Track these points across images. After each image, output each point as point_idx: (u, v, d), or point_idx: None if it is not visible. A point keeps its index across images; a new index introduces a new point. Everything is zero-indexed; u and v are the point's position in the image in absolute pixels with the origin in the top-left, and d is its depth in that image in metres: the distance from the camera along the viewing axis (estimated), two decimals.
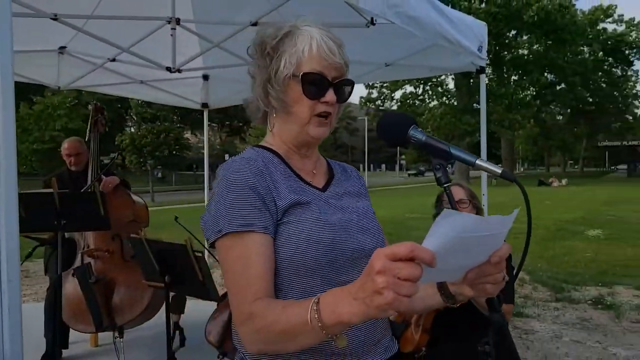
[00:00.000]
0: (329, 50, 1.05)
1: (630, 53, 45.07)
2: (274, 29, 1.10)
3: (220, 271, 3.19)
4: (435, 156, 0.99)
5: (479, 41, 3.23)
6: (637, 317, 4.82)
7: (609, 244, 9.23)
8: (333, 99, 1.07)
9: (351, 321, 0.79)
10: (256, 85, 1.12)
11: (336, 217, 1.07)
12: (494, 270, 0.89)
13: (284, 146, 1.14)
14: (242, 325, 0.96)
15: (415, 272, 0.70)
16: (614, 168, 77.98)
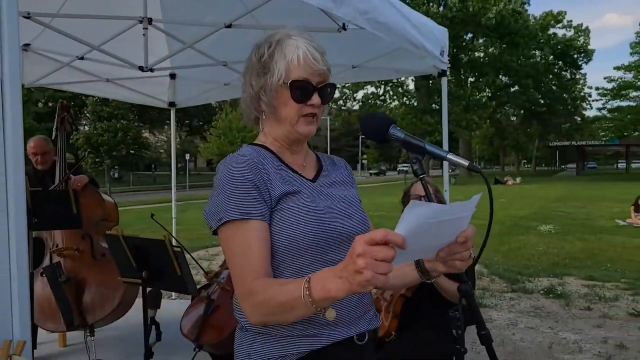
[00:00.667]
0: (313, 58, 1.18)
1: (578, 57, 47.41)
2: (268, 37, 1.23)
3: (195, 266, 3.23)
4: (413, 151, 1.13)
5: (441, 46, 3.42)
6: (585, 305, 5.15)
7: (559, 238, 9.75)
8: (318, 101, 1.20)
9: (337, 296, 0.93)
10: (248, 95, 1.24)
11: (324, 204, 1.20)
12: (461, 249, 1.05)
13: (276, 143, 1.26)
14: (245, 300, 1.09)
15: (389, 253, 0.84)
16: (563, 167, 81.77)
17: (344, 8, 2.20)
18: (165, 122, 49.18)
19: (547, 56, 44.21)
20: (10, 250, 1.05)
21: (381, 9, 2.51)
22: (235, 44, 3.64)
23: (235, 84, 4.63)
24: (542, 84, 43.76)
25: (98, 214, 3.34)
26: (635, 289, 5.72)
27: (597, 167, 78.85)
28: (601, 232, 10.44)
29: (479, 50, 38.91)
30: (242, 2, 3.00)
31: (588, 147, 52.45)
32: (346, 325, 1.17)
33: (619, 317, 4.76)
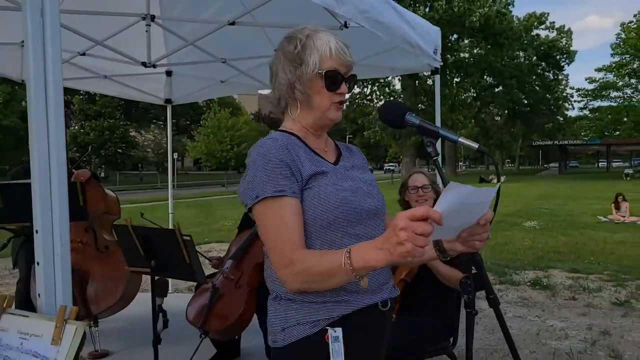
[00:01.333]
0: (342, 51, 1.30)
1: (561, 58, 48.22)
2: (298, 32, 1.33)
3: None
4: (427, 135, 1.26)
5: (435, 44, 3.55)
6: (570, 295, 5.34)
7: (543, 233, 10.01)
8: (345, 90, 1.33)
9: (376, 265, 1.04)
10: (282, 83, 1.33)
11: (348, 184, 1.31)
12: (481, 230, 1.17)
13: (303, 129, 1.37)
14: (284, 269, 1.18)
15: (428, 228, 0.94)
16: (546, 166, 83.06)
17: (345, 7, 2.31)
18: (151, 121, 48.82)
19: (530, 57, 44.87)
20: (54, 232, 1.14)
21: (379, 8, 2.62)
22: (234, 41, 3.73)
23: (232, 80, 4.71)
24: (525, 84, 44.38)
25: (101, 207, 3.39)
26: (617, 280, 5.94)
27: (579, 166, 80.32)
28: (584, 227, 10.73)
29: (464, 51, 39.36)
30: (241, 1, 3.09)
31: (570, 146, 53.35)
32: (371, 293, 1.29)
33: (603, 306, 4.94)
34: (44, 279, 1.14)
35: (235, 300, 2.85)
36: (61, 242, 1.15)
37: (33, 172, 1.17)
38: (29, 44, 1.16)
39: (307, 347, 1.23)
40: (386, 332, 1.38)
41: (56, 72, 1.18)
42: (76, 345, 0.97)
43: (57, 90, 1.19)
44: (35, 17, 1.17)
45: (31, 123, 1.15)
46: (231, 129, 34.51)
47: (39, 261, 1.15)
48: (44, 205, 1.15)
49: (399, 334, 2.39)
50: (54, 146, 1.17)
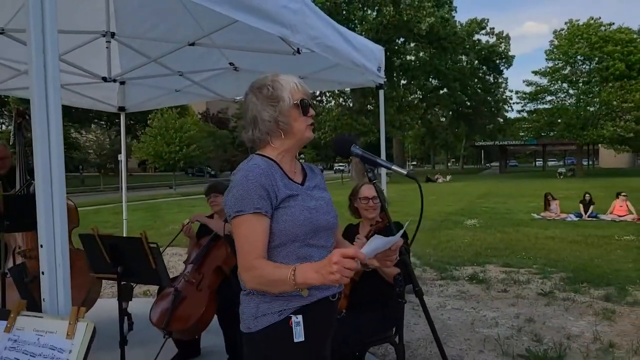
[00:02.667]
0: (303, 84, 1.67)
1: (500, 62, 50.63)
2: (262, 80, 1.66)
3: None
4: (368, 163, 1.62)
5: (379, 62, 3.91)
6: (502, 288, 5.87)
7: (482, 231, 10.68)
8: (313, 112, 1.68)
9: (312, 284, 1.40)
10: (265, 122, 1.62)
11: (312, 204, 1.64)
12: (392, 254, 1.59)
13: (280, 155, 1.66)
14: (246, 272, 1.52)
15: (354, 265, 1.31)
16: (488, 165, 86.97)
17: (299, 36, 2.59)
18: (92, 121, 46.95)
19: (472, 61, 46.72)
20: (56, 244, 1.35)
21: (328, 34, 2.92)
22: (190, 55, 3.90)
23: (186, 90, 4.85)
24: (468, 87, 46.14)
25: None
26: (544, 273, 6.55)
27: (518, 165, 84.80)
28: (518, 224, 11.52)
29: (410, 54, 40.59)
30: (199, 25, 3.29)
31: (510, 146, 56.17)
32: (324, 289, 1.62)
33: (530, 297, 5.48)
34: (48, 286, 1.35)
35: (196, 302, 3.05)
36: (62, 254, 1.36)
37: (38, 194, 1.38)
38: (34, 79, 1.38)
39: (275, 331, 1.54)
40: (335, 317, 1.73)
41: (56, 101, 1.39)
42: (87, 339, 1.19)
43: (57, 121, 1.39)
44: (38, 54, 1.37)
45: (36, 151, 1.36)
46: (179, 130, 33.84)
47: (44, 271, 1.36)
48: (47, 222, 1.35)
49: (346, 329, 2.70)
50: (55, 170, 1.38)
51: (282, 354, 1.55)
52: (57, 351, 1.20)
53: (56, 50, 1.39)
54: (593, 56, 38.25)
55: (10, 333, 1.27)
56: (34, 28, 1.36)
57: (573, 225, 11.48)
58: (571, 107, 39.69)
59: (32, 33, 1.36)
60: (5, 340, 1.26)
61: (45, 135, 1.37)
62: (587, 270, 6.64)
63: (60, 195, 1.38)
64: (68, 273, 1.37)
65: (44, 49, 1.37)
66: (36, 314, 1.30)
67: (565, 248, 8.46)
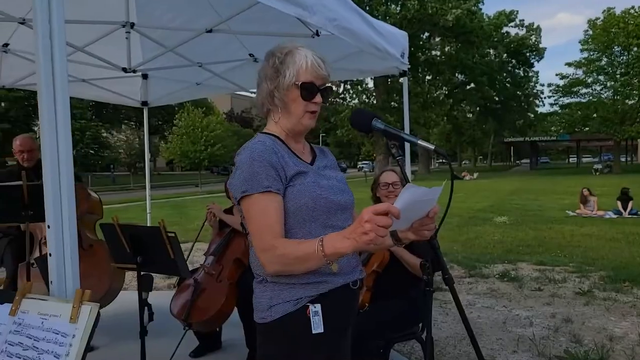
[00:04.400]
0: (318, 65, 1.50)
1: (530, 55, 49.36)
2: (279, 47, 1.53)
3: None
4: (391, 139, 1.47)
5: (402, 48, 3.77)
6: (536, 286, 5.61)
7: (513, 228, 10.36)
8: (320, 100, 1.52)
9: (345, 252, 1.25)
10: (263, 92, 1.53)
11: (324, 182, 1.52)
12: (429, 221, 1.41)
13: (284, 132, 1.55)
14: (265, 253, 1.37)
15: (388, 221, 1.16)
16: (518, 162, 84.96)
17: (316, 17, 2.49)
18: (123, 122, 48.04)
19: (500, 54, 45.72)
20: (64, 226, 1.30)
21: (347, 16, 2.82)
22: (210, 46, 3.86)
23: (207, 83, 4.83)
24: (496, 81, 45.15)
25: (84, 207, 3.48)
26: (581, 272, 6.25)
27: (549, 162, 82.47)
28: (552, 222, 11.11)
29: (435, 49, 39.92)
30: (216, 12, 3.22)
31: (541, 142, 54.61)
32: (344, 275, 1.50)
33: (566, 296, 5.22)
34: (55, 267, 1.30)
35: (216, 294, 3.00)
36: (70, 235, 1.31)
37: (45, 175, 1.32)
38: (41, 65, 1.31)
39: (291, 321, 1.42)
40: (356, 306, 1.61)
41: (63, 84, 1.33)
42: (91, 323, 1.13)
43: (65, 102, 1.34)
44: (45, 41, 1.31)
45: (43, 133, 1.30)
46: (205, 129, 34.24)
47: (51, 252, 1.30)
48: (55, 203, 1.30)
49: (370, 323, 2.59)
50: (63, 152, 1.32)
51: (299, 346, 1.42)
52: (60, 335, 1.14)
53: (63, 32, 1.33)
54: (631, 46, 36.65)
55: (16, 316, 1.22)
56: (40, 11, 1.30)
57: (611, 222, 11.01)
58: (608, 101, 38.19)
59: (38, 15, 1.30)
60: (11, 324, 1.22)
61: (52, 114, 1.31)
62: (629, 269, 6.29)
63: (68, 174, 1.32)
64: (76, 255, 1.31)
65: (51, 33, 1.32)
66: (41, 296, 1.25)
67: (604, 246, 8.09)
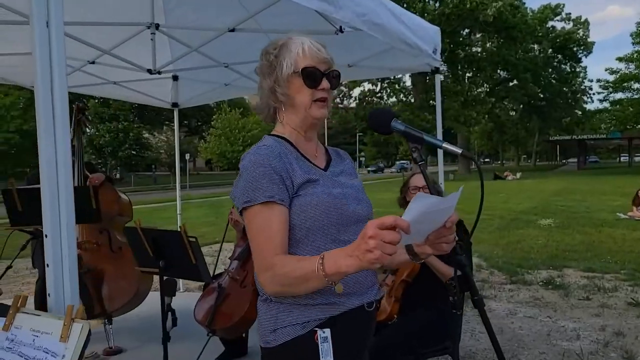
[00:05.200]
0: (317, 49, 1.36)
1: (578, 50, 47.32)
2: (272, 43, 1.40)
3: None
4: (412, 141, 1.29)
5: (434, 44, 3.57)
6: (584, 295, 5.24)
7: (559, 231, 9.81)
8: (327, 85, 1.36)
9: (347, 271, 1.09)
10: (265, 90, 1.40)
11: (337, 191, 1.36)
12: (447, 232, 1.22)
13: (293, 132, 1.41)
14: (264, 272, 1.24)
15: (396, 237, 0.99)
16: (564, 161, 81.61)
17: (342, 12, 2.36)
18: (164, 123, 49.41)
19: (545, 50, 44.12)
20: (62, 235, 1.23)
21: (376, 11, 2.67)
22: (236, 45, 3.80)
23: (235, 84, 4.80)
24: (541, 77, 43.62)
25: (115, 209, 3.51)
26: (634, 280, 5.80)
27: (599, 161, 78.64)
28: (601, 225, 10.46)
29: (476, 46, 38.87)
30: (244, 6, 3.15)
31: (589, 141, 52.23)
32: (358, 296, 1.34)
33: (618, 306, 4.84)
34: (53, 280, 1.23)
35: (240, 300, 2.93)
36: (68, 245, 1.24)
37: (42, 181, 1.25)
38: (37, 52, 1.24)
39: (297, 347, 1.28)
40: (371, 331, 1.43)
41: (62, 81, 1.26)
42: (82, 343, 1.05)
43: (63, 103, 1.27)
44: (42, 29, 1.25)
45: (40, 137, 1.24)
46: (242, 129, 34.77)
47: (49, 263, 1.24)
48: (52, 211, 1.23)
49: (395, 333, 2.43)
50: (61, 156, 1.25)
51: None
52: (50, 355, 1.07)
53: (61, 32, 1.26)
54: None
55: (9, 332, 1.16)
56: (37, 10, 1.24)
57: None
58: None
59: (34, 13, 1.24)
60: (4, 340, 1.16)
61: (50, 114, 1.25)
62: None
63: (67, 181, 1.25)
64: (75, 266, 1.24)
65: (48, 24, 1.25)
66: (35, 312, 1.18)
67: None
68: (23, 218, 2.95)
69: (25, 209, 2.87)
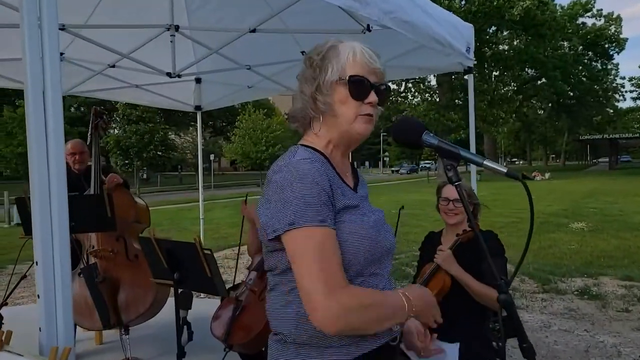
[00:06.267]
0: (370, 57, 1.18)
1: (609, 47, 45.85)
2: (318, 46, 1.23)
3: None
4: (447, 157, 1.11)
5: (467, 42, 3.37)
6: (623, 307, 4.95)
7: (592, 235, 9.42)
8: (375, 99, 1.18)
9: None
10: (304, 96, 1.22)
11: (373, 218, 1.19)
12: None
13: (329, 145, 1.22)
14: (328, 310, 1.02)
15: None
16: (595, 161, 79.29)
17: (369, 8, 2.20)
18: (189, 124, 50.07)
19: (576, 47, 42.88)
20: (55, 263, 1.10)
21: (405, 8, 2.49)
22: (258, 47, 3.69)
23: (258, 86, 4.70)
24: (571, 75, 42.40)
25: (131, 216, 3.42)
26: None
27: (631, 160, 76.08)
28: (637, 229, 9.99)
29: (503, 44, 38.00)
30: (268, 4, 3.02)
31: (621, 140, 50.63)
32: (384, 334, 1.18)
33: None
34: (44, 312, 1.10)
35: (258, 313, 2.79)
36: (62, 275, 1.10)
37: (33, 203, 1.13)
38: (27, 54, 1.14)
39: None
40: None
41: (55, 85, 1.14)
42: None
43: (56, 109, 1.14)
44: (33, 29, 1.14)
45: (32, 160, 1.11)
46: (266, 130, 34.94)
47: (39, 294, 1.11)
48: (44, 241, 1.10)
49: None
50: (54, 177, 1.13)
51: None
52: None
53: (54, 26, 1.14)
54: None
55: None
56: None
57: None
58: None
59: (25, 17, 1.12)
60: None
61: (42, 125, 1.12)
62: None
63: (61, 205, 1.12)
64: (69, 297, 1.10)
65: (40, 24, 1.13)
66: (18, 352, 1.05)
67: None
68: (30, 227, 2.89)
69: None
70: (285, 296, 1.15)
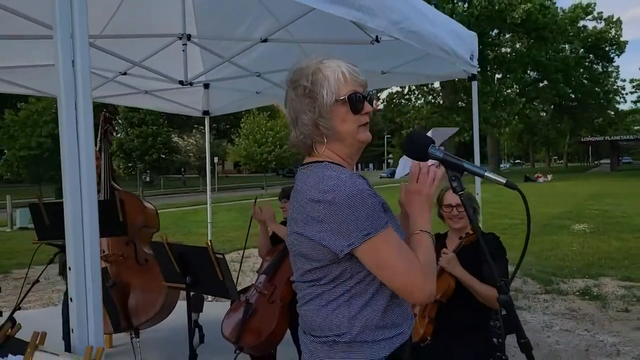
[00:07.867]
0: (355, 72, 1.30)
1: (610, 49, 45.84)
2: (299, 69, 1.31)
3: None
4: (452, 169, 1.21)
5: (471, 50, 3.44)
6: (622, 307, 5.03)
7: (594, 237, 9.48)
8: (370, 108, 1.32)
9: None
10: (304, 126, 1.30)
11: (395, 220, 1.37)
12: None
13: (346, 162, 1.34)
14: (428, 291, 1.25)
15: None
16: (597, 163, 79.09)
17: (377, 20, 2.25)
18: (193, 127, 50.15)
19: (577, 50, 42.92)
20: (86, 265, 1.17)
21: (412, 18, 2.55)
22: (268, 54, 3.76)
23: (267, 92, 4.75)
24: (572, 78, 42.43)
25: (140, 221, 3.47)
26: None
27: (632, 162, 75.96)
28: (639, 230, 10.04)
29: (505, 46, 38.06)
30: (275, 17, 3.10)
31: (622, 142, 50.59)
32: (409, 322, 1.38)
33: None
34: (76, 315, 1.17)
35: (268, 316, 2.86)
36: (92, 278, 1.18)
37: (66, 211, 1.20)
38: (60, 65, 1.22)
39: None
40: None
41: (86, 94, 1.22)
42: None
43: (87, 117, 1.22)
44: (65, 40, 1.23)
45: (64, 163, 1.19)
46: (271, 130, 34.91)
47: (72, 297, 1.18)
48: (77, 245, 1.17)
49: (435, 356, 2.31)
50: (85, 185, 1.20)
51: None
52: None
53: (85, 38, 1.22)
54: None
55: None
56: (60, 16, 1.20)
57: None
58: None
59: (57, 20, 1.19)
60: None
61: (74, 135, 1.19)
62: None
63: (92, 209, 1.19)
64: (99, 300, 1.18)
65: (72, 36, 1.21)
66: (53, 350, 1.12)
67: None
68: (50, 233, 2.95)
69: (52, 223, 2.86)
70: (333, 302, 1.27)
